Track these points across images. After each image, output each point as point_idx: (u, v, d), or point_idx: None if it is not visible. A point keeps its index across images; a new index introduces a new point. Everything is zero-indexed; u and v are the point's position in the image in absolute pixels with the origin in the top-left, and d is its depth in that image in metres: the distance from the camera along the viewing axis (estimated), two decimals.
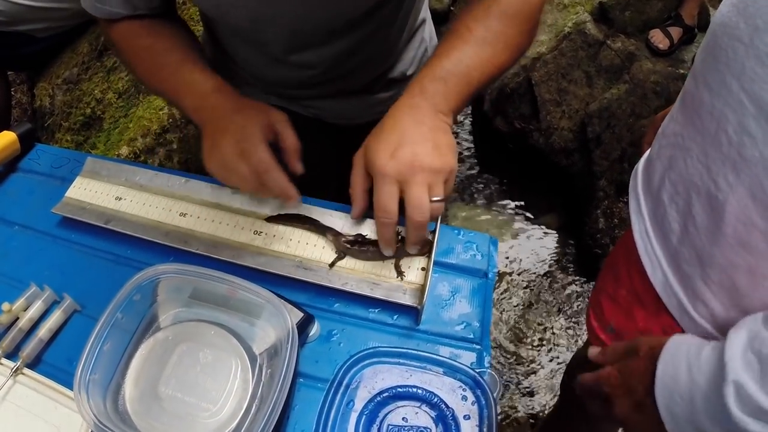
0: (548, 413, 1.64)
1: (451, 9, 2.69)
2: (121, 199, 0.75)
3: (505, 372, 1.75)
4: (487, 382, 0.59)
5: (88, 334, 0.55)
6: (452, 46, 0.66)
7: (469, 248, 0.72)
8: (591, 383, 0.60)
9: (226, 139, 0.66)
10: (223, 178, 0.68)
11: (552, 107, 2.10)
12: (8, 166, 0.85)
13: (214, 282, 0.59)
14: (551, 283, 1.97)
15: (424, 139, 0.61)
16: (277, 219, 0.71)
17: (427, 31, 0.95)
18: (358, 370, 0.60)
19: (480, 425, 0.57)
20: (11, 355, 0.63)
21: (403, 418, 0.57)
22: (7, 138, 0.83)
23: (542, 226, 2.13)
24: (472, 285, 0.69)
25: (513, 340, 1.82)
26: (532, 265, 2.01)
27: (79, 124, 1.59)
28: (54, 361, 0.64)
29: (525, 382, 1.73)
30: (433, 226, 0.66)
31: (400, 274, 0.66)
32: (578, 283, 1.97)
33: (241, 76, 0.91)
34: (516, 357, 1.78)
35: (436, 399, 0.58)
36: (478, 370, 0.59)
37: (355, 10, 0.72)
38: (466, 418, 0.57)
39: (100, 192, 0.76)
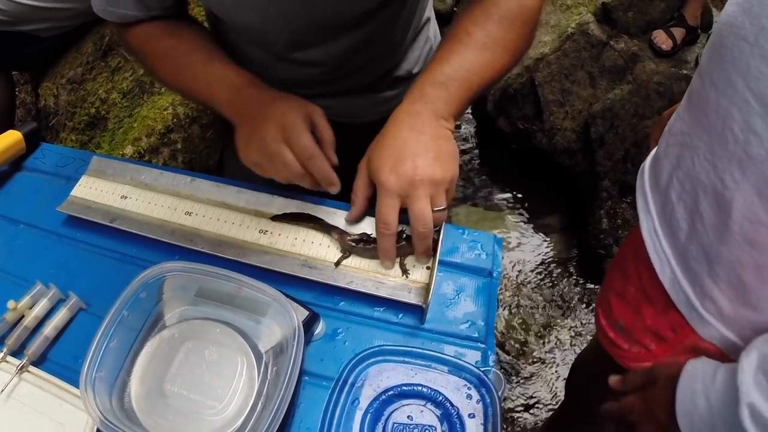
0: (552, 413, 1.64)
1: (455, 10, 2.69)
2: (126, 197, 0.75)
3: (509, 371, 1.74)
4: (492, 380, 0.59)
5: (94, 332, 0.55)
6: (452, 51, 0.66)
7: (474, 248, 0.72)
8: (616, 412, 0.63)
9: (268, 126, 0.65)
10: (262, 166, 0.66)
11: (555, 108, 2.10)
12: (13, 165, 0.85)
13: (220, 280, 0.59)
14: (554, 284, 1.97)
15: (426, 149, 0.61)
16: (282, 218, 0.71)
17: (432, 30, 0.95)
18: (363, 369, 0.60)
19: (485, 424, 0.57)
20: (17, 353, 0.63)
21: (408, 417, 0.57)
22: (13, 137, 0.83)
23: (545, 226, 2.12)
24: (477, 284, 0.69)
25: (516, 340, 1.82)
26: (535, 266, 2.01)
27: (84, 124, 1.59)
28: (59, 358, 0.64)
29: (529, 382, 1.73)
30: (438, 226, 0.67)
31: (405, 273, 0.66)
32: (581, 284, 1.97)
33: None
34: (519, 357, 1.78)
35: (441, 397, 0.58)
36: (482, 369, 0.59)
37: (360, 8, 0.72)
38: (471, 416, 0.57)
39: (106, 191, 0.77)
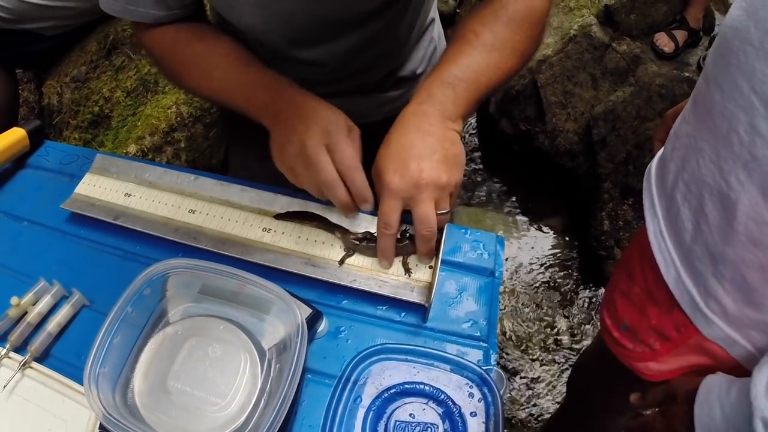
0: (553, 413, 1.64)
1: (457, 11, 2.69)
2: (130, 195, 0.76)
3: (510, 371, 1.74)
4: (494, 379, 0.59)
5: (97, 329, 0.55)
6: (460, 51, 0.66)
7: (476, 247, 0.72)
8: (638, 428, 0.64)
9: (312, 132, 0.63)
10: (297, 172, 0.65)
11: (557, 109, 2.10)
12: (17, 162, 0.85)
13: (224, 277, 0.59)
14: (556, 285, 1.97)
15: (431, 151, 0.61)
16: (285, 216, 0.71)
17: (437, 31, 0.95)
18: (366, 367, 0.60)
19: (486, 422, 0.57)
20: (20, 349, 0.63)
21: (411, 415, 0.57)
22: (17, 134, 0.83)
23: (547, 228, 2.13)
24: (479, 283, 0.69)
25: (518, 341, 1.82)
26: (537, 267, 2.01)
27: (87, 122, 1.60)
28: (62, 355, 0.64)
29: (530, 382, 1.73)
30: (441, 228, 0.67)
31: (408, 271, 0.66)
32: (583, 285, 1.97)
33: None
34: (521, 357, 1.78)
35: (443, 396, 0.58)
36: (484, 368, 0.59)
37: (364, 6, 0.73)
38: (473, 415, 0.57)
39: (110, 188, 0.77)
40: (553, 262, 2.03)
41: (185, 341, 0.60)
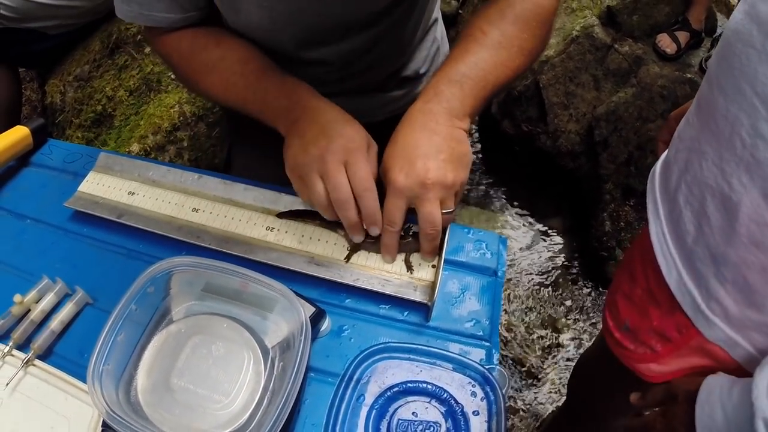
0: (554, 413, 1.64)
1: (459, 12, 2.69)
2: (133, 194, 0.76)
3: (511, 371, 1.75)
4: (496, 378, 0.59)
5: (100, 327, 0.55)
6: (467, 50, 0.66)
7: (479, 247, 0.72)
8: (638, 428, 0.64)
9: (333, 146, 0.61)
10: (306, 180, 0.63)
11: (559, 110, 2.10)
12: (20, 160, 0.85)
13: (228, 275, 0.59)
14: (557, 286, 1.97)
15: (437, 150, 0.61)
16: (289, 215, 0.72)
17: (439, 31, 0.95)
18: (369, 365, 0.60)
19: (489, 421, 0.57)
20: (23, 347, 0.63)
21: (413, 413, 0.57)
22: (20, 132, 0.83)
23: (548, 228, 2.13)
24: (482, 283, 0.69)
25: (519, 341, 1.82)
26: (538, 268, 2.02)
27: (90, 121, 1.60)
28: (65, 353, 0.64)
29: (531, 382, 1.73)
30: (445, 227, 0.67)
31: (410, 269, 0.66)
32: (584, 286, 1.97)
33: None
34: (522, 357, 1.78)
35: (445, 395, 0.58)
36: (487, 367, 0.60)
37: (372, 6, 0.73)
38: (475, 413, 0.57)
39: (113, 187, 0.77)
40: (554, 263, 2.03)
41: (188, 339, 0.60)
